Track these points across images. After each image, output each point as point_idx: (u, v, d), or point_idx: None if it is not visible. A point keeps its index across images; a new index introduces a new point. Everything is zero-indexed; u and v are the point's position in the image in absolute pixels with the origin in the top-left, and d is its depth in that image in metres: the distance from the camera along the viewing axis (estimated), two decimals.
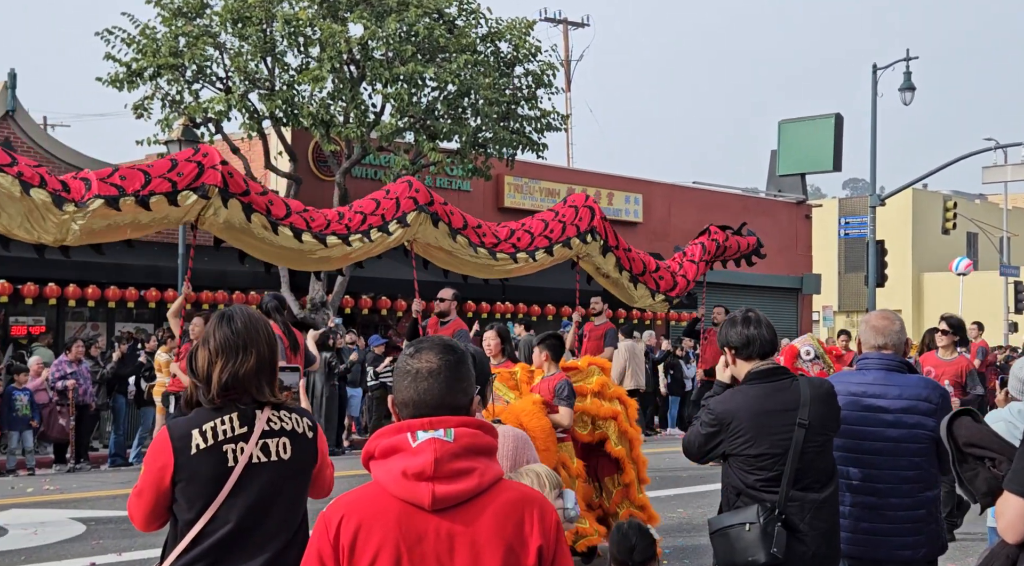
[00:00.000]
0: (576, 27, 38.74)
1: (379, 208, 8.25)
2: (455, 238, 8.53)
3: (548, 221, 9.24)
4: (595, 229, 9.37)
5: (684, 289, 10.39)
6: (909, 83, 26.92)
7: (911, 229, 42.43)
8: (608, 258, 9.59)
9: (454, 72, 17.52)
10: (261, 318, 3.22)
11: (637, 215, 27.21)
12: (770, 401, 4.10)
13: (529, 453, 3.78)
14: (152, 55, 16.91)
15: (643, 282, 9.96)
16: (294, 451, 3.12)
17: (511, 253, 8.90)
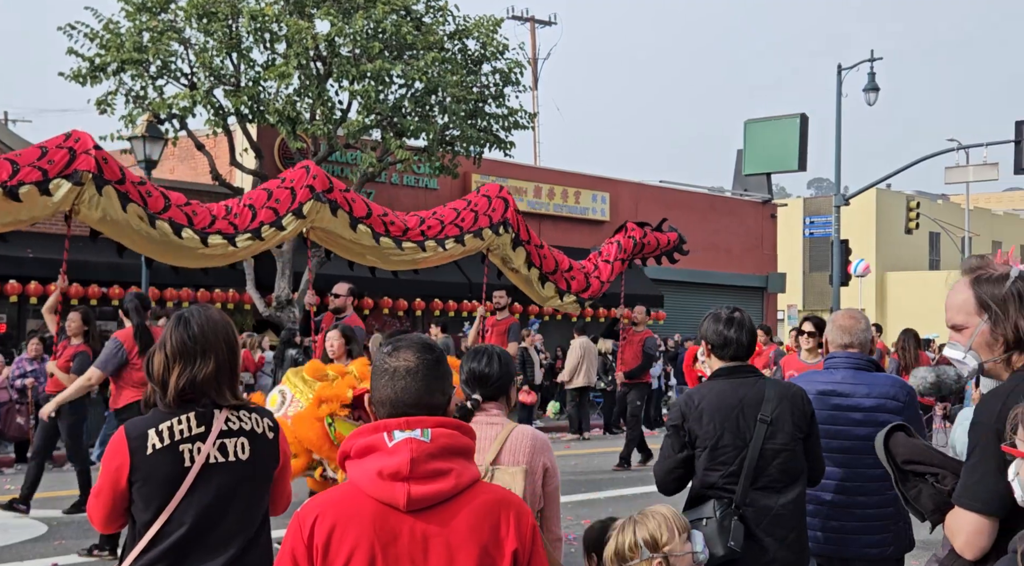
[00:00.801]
0: (543, 25, 38.76)
1: (271, 199, 7.71)
2: (355, 227, 8.09)
3: (460, 210, 8.87)
4: (508, 221, 9.03)
5: (598, 290, 10.10)
6: (873, 84, 27.17)
7: (875, 229, 42.84)
8: (518, 252, 9.27)
9: (421, 69, 17.47)
10: (221, 320, 3.17)
11: (604, 213, 27.27)
12: (733, 395, 4.14)
13: (546, 457, 3.74)
14: (116, 50, 16.73)
15: (553, 281, 9.66)
16: (253, 451, 3.09)
17: (419, 242, 8.50)
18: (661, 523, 3.34)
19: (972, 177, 27.33)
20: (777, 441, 4.06)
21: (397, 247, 8.37)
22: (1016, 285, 2.79)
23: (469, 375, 3.74)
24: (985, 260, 2.94)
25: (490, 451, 3.63)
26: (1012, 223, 52.07)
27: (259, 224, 7.60)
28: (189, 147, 19.85)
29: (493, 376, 3.73)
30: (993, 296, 2.79)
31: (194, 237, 7.30)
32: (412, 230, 8.47)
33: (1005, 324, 2.76)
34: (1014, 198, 56.23)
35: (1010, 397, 2.65)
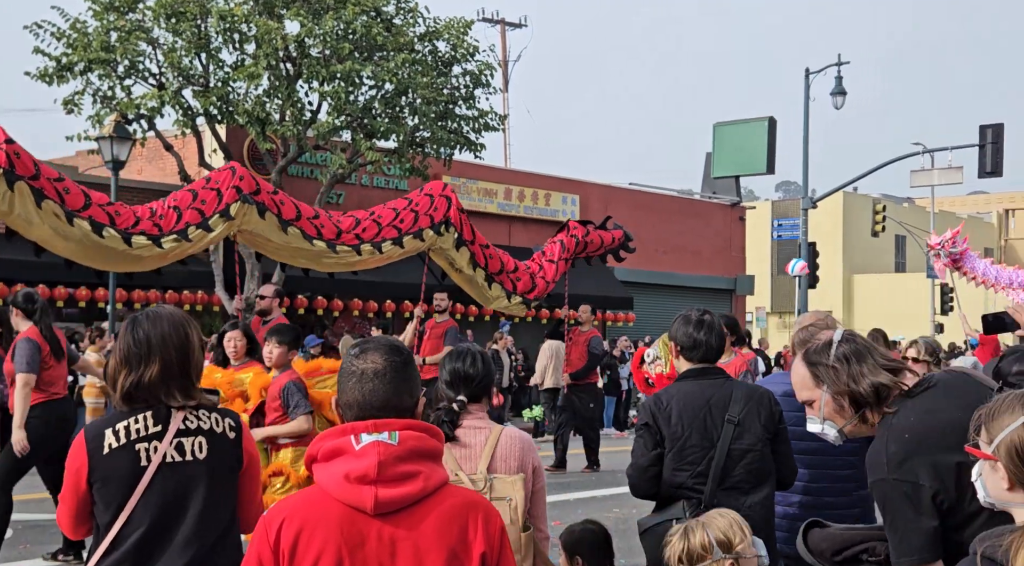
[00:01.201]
0: (514, 28, 38.83)
1: (196, 200, 7.45)
2: (286, 230, 7.80)
3: (399, 210, 8.60)
4: (450, 220, 8.75)
5: (544, 290, 9.89)
6: (840, 88, 27.40)
7: (842, 231, 43.20)
8: (462, 253, 8.99)
9: (391, 71, 17.45)
10: (174, 321, 3.15)
11: (574, 215, 27.32)
12: (701, 396, 4.18)
13: (534, 457, 3.73)
14: (83, 50, 16.58)
15: (499, 282, 9.39)
16: (211, 450, 3.08)
17: (354, 245, 8.21)
18: (732, 524, 3.34)
19: (937, 181, 27.64)
20: (744, 442, 4.09)
21: (330, 250, 8.10)
22: (841, 349, 2.90)
23: (453, 376, 3.70)
24: (810, 332, 3.06)
25: (483, 458, 3.60)
26: (976, 226, 52.67)
27: (185, 225, 7.38)
28: (157, 148, 19.71)
29: (477, 377, 3.71)
30: (822, 366, 2.91)
31: (116, 236, 7.01)
32: (346, 233, 8.20)
33: (842, 389, 2.87)
34: (978, 201, 56.88)
35: (890, 445, 2.73)
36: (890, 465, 2.70)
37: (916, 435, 2.72)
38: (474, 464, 3.58)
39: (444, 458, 3.47)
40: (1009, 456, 2.17)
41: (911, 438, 2.72)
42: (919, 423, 2.74)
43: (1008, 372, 4.58)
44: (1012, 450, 2.16)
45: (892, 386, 2.86)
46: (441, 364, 3.78)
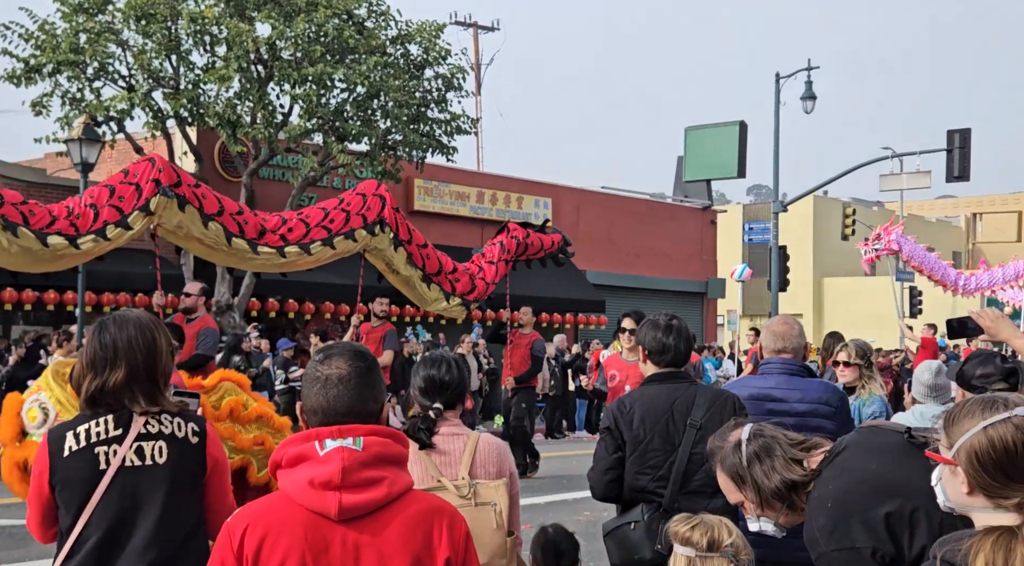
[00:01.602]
0: (486, 31, 38.84)
1: (114, 196, 7.15)
2: (207, 225, 7.44)
3: (330, 210, 8.29)
4: (385, 220, 8.49)
5: (484, 292, 9.72)
6: (810, 92, 27.59)
7: (812, 235, 43.48)
8: (399, 253, 8.71)
9: (363, 74, 17.42)
10: (141, 325, 3.13)
11: (546, 218, 27.36)
12: (664, 399, 4.20)
13: (510, 461, 3.73)
14: (51, 51, 16.46)
15: (437, 283, 9.17)
16: (171, 455, 3.05)
17: (278, 247, 7.83)
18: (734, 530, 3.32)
19: (906, 185, 27.89)
20: (705, 446, 4.11)
21: (251, 250, 7.73)
22: (750, 448, 2.92)
23: (428, 382, 3.66)
24: (716, 440, 3.07)
25: (463, 464, 3.59)
26: (944, 230, 53.18)
27: (103, 224, 7.06)
28: (127, 150, 19.57)
29: (453, 383, 3.68)
30: (737, 469, 2.93)
31: (30, 235, 6.74)
32: (270, 233, 7.84)
33: (759, 488, 2.89)
34: (946, 205, 57.41)
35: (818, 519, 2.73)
36: (824, 538, 2.70)
37: (838, 500, 2.72)
38: (455, 470, 3.56)
39: (424, 465, 3.46)
40: (969, 460, 2.18)
41: (834, 505, 2.72)
42: (837, 488, 2.75)
43: (972, 375, 4.63)
44: (972, 455, 2.18)
45: (803, 481, 2.86)
46: (415, 371, 3.75)
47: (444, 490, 3.39)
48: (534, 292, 25.22)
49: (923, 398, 5.34)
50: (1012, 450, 2.14)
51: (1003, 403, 2.22)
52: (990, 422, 2.18)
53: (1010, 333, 3.88)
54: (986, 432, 2.17)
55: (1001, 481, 2.15)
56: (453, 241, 24.89)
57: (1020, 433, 2.15)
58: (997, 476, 2.15)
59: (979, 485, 2.18)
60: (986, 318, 3.94)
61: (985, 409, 2.21)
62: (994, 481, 2.16)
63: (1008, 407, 2.20)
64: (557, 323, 25.98)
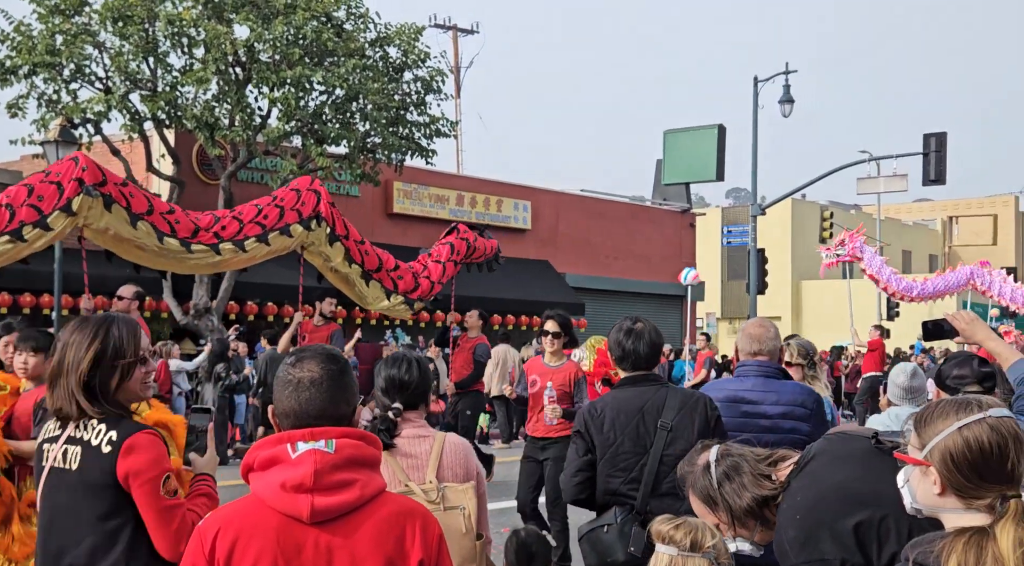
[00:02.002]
0: (466, 34, 38.85)
1: (33, 196, 6.88)
2: (135, 224, 7.16)
3: (263, 207, 8.10)
4: (320, 215, 8.27)
5: (428, 291, 9.42)
6: (788, 96, 27.72)
7: (790, 238, 43.68)
8: (336, 249, 8.49)
9: (342, 76, 17.39)
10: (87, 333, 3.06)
11: (526, 222, 27.40)
12: (634, 402, 4.22)
13: (476, 462, 3.71)
14: (27, 53, 16.36)
15: (377, 279, 8.90)
16: (83, 463, 3.00)
17: (212, 244, 7.64)
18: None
19: (883, 188, 28.04)
20: (677, 448, 4.08)
21: (185, 249, 7.49)
22: (719, 469, 2.93)
23: (388, 382, 3.62)
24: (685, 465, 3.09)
25: (430, 467, 3.55)
26: (921, 233, 53.55)
27: (19, 225, 6.76)
28: (104, 152, 19.44)
29: (413, 383, 3.64)
30: (709, 491, 2.94)
31: None
32: (204, 231, 7.64)
33: (731, 508, 2.90)
34: (923, 209, 57.78)
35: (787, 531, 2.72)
36: (793, 550, 2.70)
37: (806, 512, 2.72)
38: (422, 474, 3.53)
39: (391, 468, 3.42)
40: (943, 461, 2.19)
41: (803, 517, 2.72)
42: (805, 499, 2.74)
43: (947, 375, 4.67)
44: (947, 455, 2.19)
45: (773, 495, 2.86)
46: (377, 371, 3.73)
47: (412, 494, 3.37)
48: (512, 295, 25.26)
49: (898, 400, 5.37)
50: (987, 450, 2.16)
51: (977, 404, 2.23)
52: (965, 422, 2.19)
53: (984, 335, 3.91)
54: (961, 432, 2.18)
55: (975, 482, 2.17)
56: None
57: (995, 434, 2.17)
58: (971, 477, 2.17)
59: (952, 486, 2.19)
60: (961, 320, 3.96)
61: (959, 410, 2.23)
62: (968, 482, 2.17)
63: (982, 408, 2.21)
64: (536, 326, 25.97)
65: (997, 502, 2.15)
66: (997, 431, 2.17)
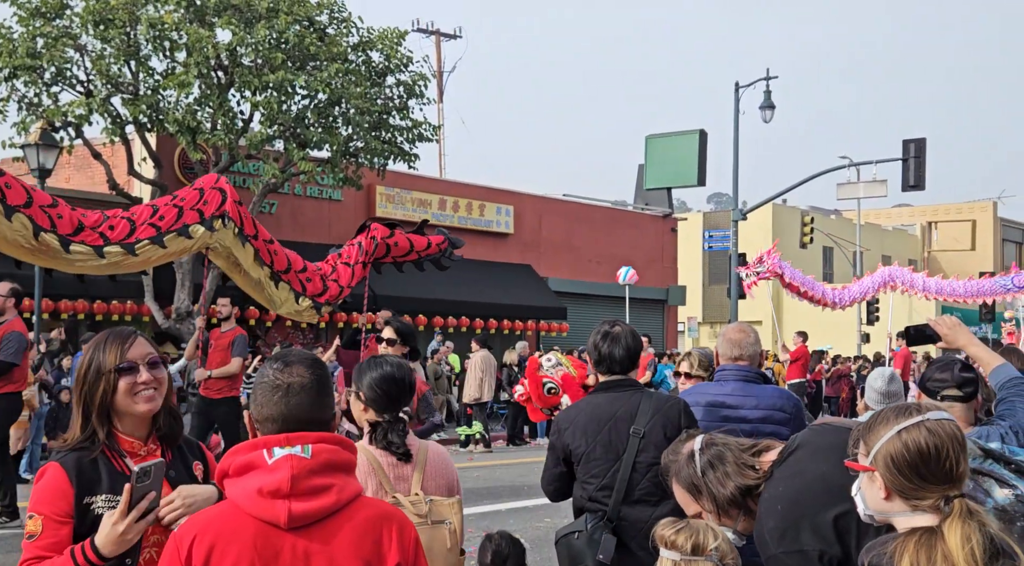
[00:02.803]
0: (448, 39, 38.85)
1: None
2: (10, 217, 6.68)
3: (160, 206, 7.58)
4: (227, 214, 7.80)
5: (336, 295, 9.03)
6: (769, 102, 27.86)
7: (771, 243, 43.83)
8: (246, 249, 8.05)
9: (325, 81, 17.38)
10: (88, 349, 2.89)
11: (508, 226, 27.43)
12: (607, 408, 4.21)
13: (456, 471, 3.67)
14: (8, 56, 16.28)
15: (287, 281, 8.45)
16: None
17: (97, 246, 7.04)
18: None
19: (862, 193, 28.18)
20: (649, 455, 4.09)
21: (62, 248, 6.92)
22: (703, 458, 2.96)
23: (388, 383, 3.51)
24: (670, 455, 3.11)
25: (415, 479, 3.47)
26: (900, 238, 53.84)
27: None
28: (86, 156, 19.39)
29: (410, 383, 3.59)
30: (692, 479, 2.97)
31: None
32: (89, 230, 7.07)
33: (715, 498, 2.92)
34: (903, 214, 58.08)
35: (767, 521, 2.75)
36: (773, 540, 2.72)
37: (788, 503, 2.74)
38: (407, 485, 3.46)
39: (379, 480, 3.37)
40: (886, 465, 2.26)
41: (784, 508, 2.74)
42: (788, 490, 2.76)
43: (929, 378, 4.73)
44: (888, 459, 2.25)
45: (756, 485, 2.88)
46: (357, 378, 3.59)
47: (400, 507, 3.28)
48: (495, 299, 25.28)
49: (876, 405, 5.40)
50: (925, 452, 2.23)
51: (916, 409, 2.31)
52: (903, 426, 2.26)
53: (967, 340, 3.95)
54: (900, 436, 2.25)
55: (916, 483, 2.23)
56: None
57: (932, 436, 2.24)
58: (912, 478, 2.23)
59: (896, 488, 2.26)
60: (943, 325, 4.00)
61: (899, 415, 2.30)
62: (910, 483, 2.24)
63: (920, 412, 2.29)
64: (519, 330, 26.03)
65: (941, 502, 2.21)
66: (935, 433, 2.24)
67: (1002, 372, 3.76)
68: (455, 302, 24.33)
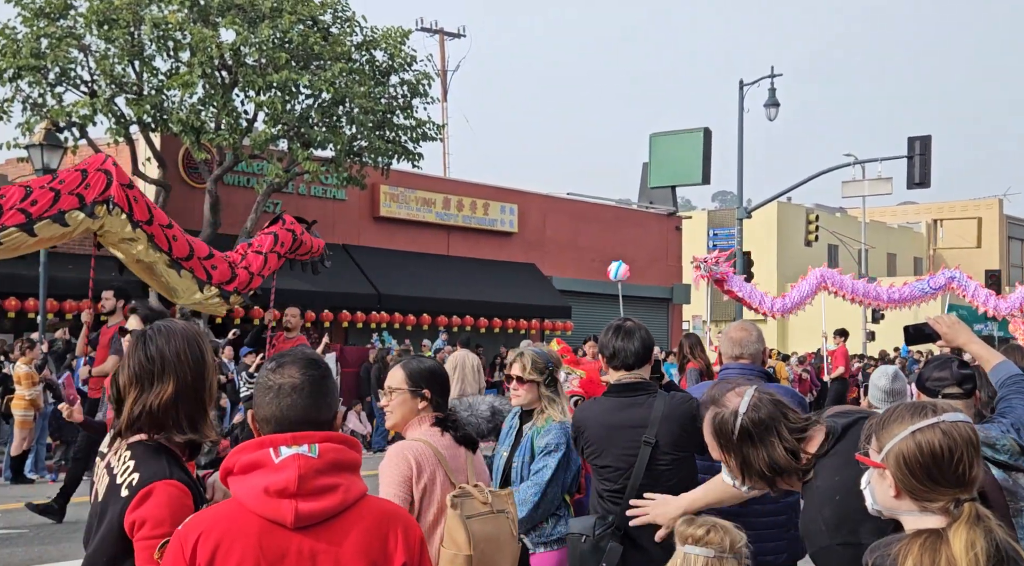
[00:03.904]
0: (452, 38, 38.84)
1: None
2: None
3: (34, 189, 7.01)
4: (112, 199, 7.25)
5: (246, 283, 8.47)
6: (774, 99, 27.81)
7: (776, 241, 43.77)
8: (138, 236, 7.50)
9: (328, 80, 17.39)
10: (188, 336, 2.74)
11: (512, 225, 27.41)
12: (619, 415, 4.17)
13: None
14: (12, 56, 16.31)
15: (189, 269, 7.92)
16: (103, 498, 2.66)
17: None
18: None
19: (868, 191, 28.17)
20: (665, 461, 4.08)
21: None
22: (744, 421, 2.86)
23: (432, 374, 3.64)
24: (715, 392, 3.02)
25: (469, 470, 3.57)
26: (906, 236, 53.73)
27: None
28: (89, 156, 19.41)
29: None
30: (727, 437, 2.89)
31: None
32: None
33: (745, 461, 2.87)
34: (908, 211, 57.96)
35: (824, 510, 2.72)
36: (830, 531, 2.70)
37: (846, 493, 2.70)
38: (464, 476, 3.53)
39: (445, 470, 3.42)
40: (897, 464, 2.24)
41: (843, 499, 2.71)
42: (844, 480, 2.72)
43: (927, 377, 4.71)
44: (900, 459, 2.24)
45: (786, 465, 2.83)
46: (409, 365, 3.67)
47: (471, 497, 3.36)
48: (499, 298, 25.27)
49: (879, 403, 5.39)
50: (938, 454, 2.21)
51: (931, 409, 2.28)
52: (918, 427, 2.24)
53: (966, 338, 3.93)
54: (914, 436, 2.23)
55: (927, 485, 2.22)
56: (419, 247, 24.87)
57: (947, 438, 2.21)
58: (924, 480, 2.22)
59: (906, 488, 2.24)
60: (943, 324, 3.97)
61: (914, 415, 2.27)
62: (920, 485, 2.22)
63: (936, 413, 2.26)
64: (523, 329, 26.02)
65: (951, 505, 2.19)
66: (949, 436, 2.22)
67: (1002, 369, 3.74)
68: (460, 301, 24.33)
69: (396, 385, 3.63)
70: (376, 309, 22.67)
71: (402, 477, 3.40)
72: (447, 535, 3.30)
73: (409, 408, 3.61)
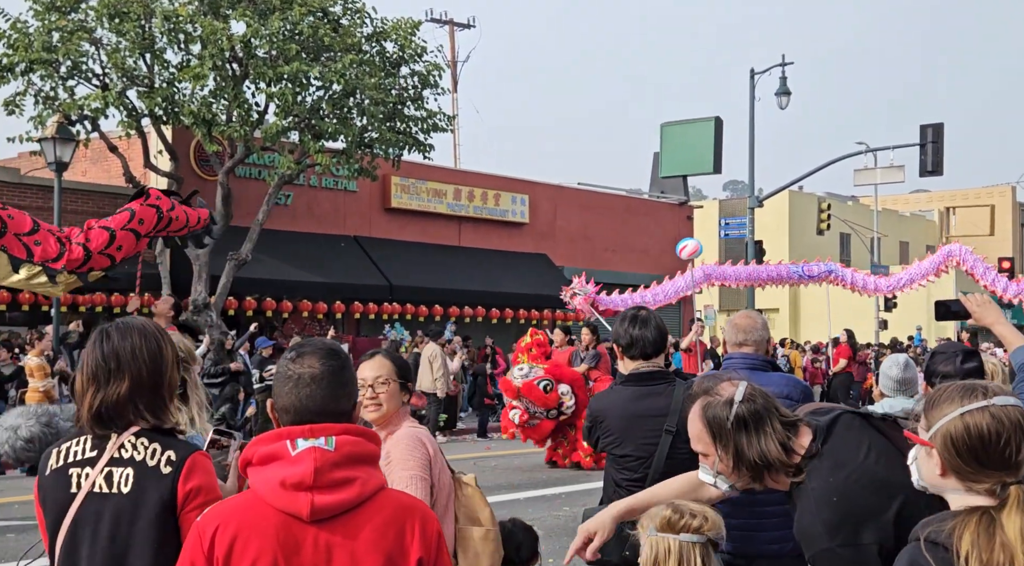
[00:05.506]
0: (462, 28, 38.84)
1: None
2: None
3: None
4: None
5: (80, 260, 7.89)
6: (785, 88, 27.75)
7: (788, 230, 43.67)
8: None
9: (339, 71, 17.42)
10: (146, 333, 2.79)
11: (523, 215, 27.43)
12: (639, 404, 4.16)
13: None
14: (24, 50, 16.37)
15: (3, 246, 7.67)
16: (136, 485, 2.66)
17: None
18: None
19: (880, 179, 28.08)
20: (683, 451, 4.03)
21: None
22: (740, 410, 2.82)
23: None
24: (707, 383, 2.94)
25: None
26: (918, 224, 53.53)
27: None
28: (102, 149, 19.50)
29: None
30: (720, 426, 2.84)
31: None
32: None
33: (738, 451, 2.82)
34: (920, 200, 57.72)
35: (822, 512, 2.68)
36: (830, 533, 2.67)
37: (844, 496, 2.70)
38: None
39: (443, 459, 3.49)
40: (944, 444, 2.23)
41: (840, 501, 2.70)
42: (840, 483, 2.71)
43: (933, 372, 4.71)
44: (947, 439, 2.23)
45: (777, 458, 2.80)
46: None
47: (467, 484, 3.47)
48: (510, 289, 25.30)
49: (891, 392, 5.39)
50: (986, 437, 2.20)
51: (982, 391, 2.26)
52: (967, 409, 2.23)
53: (995, 318, 3.90)
54: (963, 418, 2.23)
55: (973, 467, 2.21)
56: (430, 238, 24.92)
57: (995, 422, 2.20)
58: (970, 462, 2.21)
59: (952, 468, 2.24)
60: (973, 303, 3.95)
61: (964, 396, 2.26)
62: (967, 466, 2.22)
63: (987, 395, 2.25)
64: (535, 319, 26.06)
65: (997, 487, 2.18)
66: (998, 419, 2.21)
67: (1022, 353, 3.73)
68: (470, 292, 24.37)
69: (388, 376, 3.61)
70: (388, 300, 22.72)
71: (425, 460, 3.46)
72: (469, 513, 3.34)
73: (398, 400, 3.62)
